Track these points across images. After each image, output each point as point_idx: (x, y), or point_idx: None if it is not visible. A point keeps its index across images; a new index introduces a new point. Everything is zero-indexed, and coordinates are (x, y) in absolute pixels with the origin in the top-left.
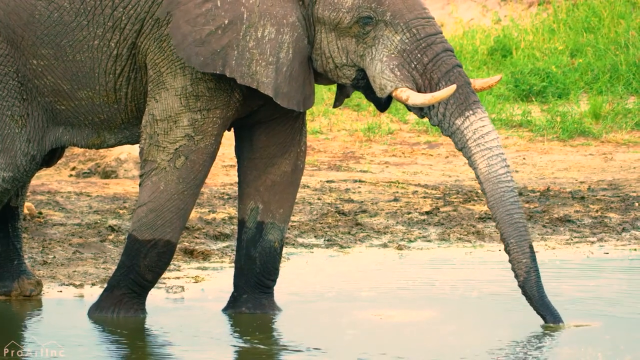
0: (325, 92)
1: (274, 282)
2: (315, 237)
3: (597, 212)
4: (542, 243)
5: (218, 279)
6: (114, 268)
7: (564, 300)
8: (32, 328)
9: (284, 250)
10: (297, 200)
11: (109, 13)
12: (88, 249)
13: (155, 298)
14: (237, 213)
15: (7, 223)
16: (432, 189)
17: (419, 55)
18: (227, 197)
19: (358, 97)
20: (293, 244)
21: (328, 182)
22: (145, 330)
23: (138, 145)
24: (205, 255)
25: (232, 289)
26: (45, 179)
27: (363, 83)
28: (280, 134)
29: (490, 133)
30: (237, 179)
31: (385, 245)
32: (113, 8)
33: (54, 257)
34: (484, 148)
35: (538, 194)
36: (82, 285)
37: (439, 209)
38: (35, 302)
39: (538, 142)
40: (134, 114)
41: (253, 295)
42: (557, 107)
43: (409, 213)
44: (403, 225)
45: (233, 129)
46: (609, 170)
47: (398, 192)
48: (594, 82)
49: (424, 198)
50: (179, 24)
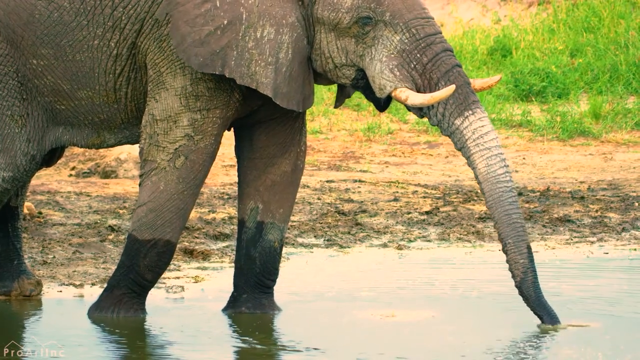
0: (325, 92)
1: (274, 282)
2: (315, 237)
3: (597, 212)
4: (542, 243)
5: (218, 279)
6: (114, 268)
7: (564, 300)
8: (32, 328)
9: (284, 250)
10: (297, 200)
11: (109, 13)
12: (88, 249)
13: (155, 298)
14: (237, 213)
15: (7, 223)
16: (432, 189)
17: (419, 55)
18: (227, 197)
19: (358, 97)
20: (293, 244)
21: (328, 182)
22: (145, 330)
23: (138, 145)
24: (205, 255)
25: (232, 289)
26: (45, 179)
27: (362, 83)
28: (280, 134)
29: (490, 133)
30: (237, 179)
31: (385, 245)
32: (113, 8)
33: (54, 257)
34: (483, 148)
35: (538, 194)
36: (82, 285)
37: (439, 209)
38: (35, 302)
39: (538, 142)
40: (134, 114)
41: (253, 295)
42: (557, 107)
43: (409, 213)
44: (403, 225)
45: (233, 129)
46: (609, 170)
47: (398, 192)
48: (594, 82)
49: (424, 198)
50: (178, 25)
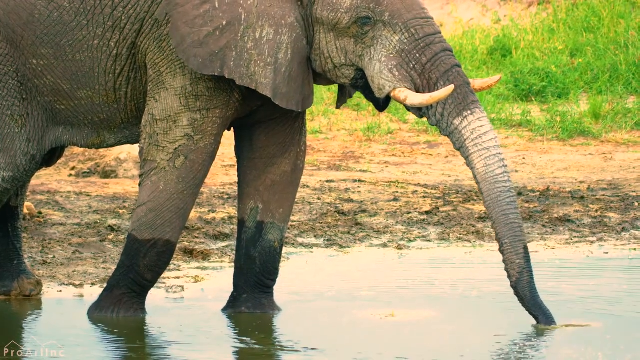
0: (325, 92)
1: (274, 281)
2: (315, 236)
3: (596, 211)
4: (541, 243)
5: (218, 279)
6: (114, 268)
7: (564, 300)
8: (32, 328)
9: (284, 250)
10: (296, 200)
11: (109, 13)
12: (88, 249)
13: (155, 298)
14: (236, 213)
15: (6, 223)
16: (431, 189)
17: (418, 55)
18: (226, 196)
19: (358, 97)
20: (293, 244)
21: (328, 181)
22: (145, 330)
23: (138, 145)
24: (205, 255)
25: (231, 289)
26: (45, 179)
27: (362, 83)
28: (280, 134)
29: (488, 133)
30: (236, 179)
31: (385, 245)
32: (113, 8)
33: (54, 256)
34: (482, 148)
35: (538, 194)
36: (81, 285)
37: (439, 209)
38: (35, 301)
39: (538, 141)
40: (134, 114)
41: (253, 295)
42: (556, 106)
43: (409, 213)
44: (403, 225)
45: (233, 129)
46: (609, 170)
47: (398, 191)
48: (594, 81)
49: (424, 198)
50: (178, 26)
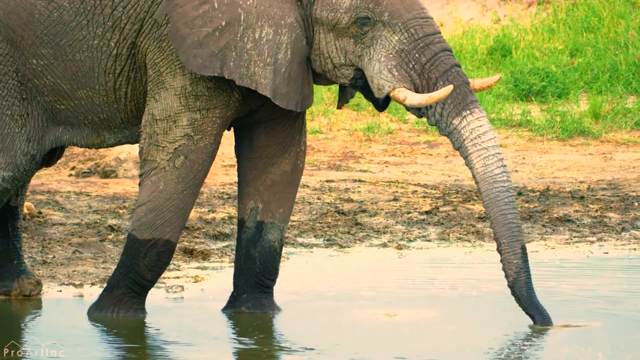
0: (325, 92)
1: (274, 281)
2: (315, 236)
3: (596, 211)
4: (541, 243)
5: (218, 279)
6: (114, 268)
7: (564, 300)
8: (32, 328)
9: (284, 250)
10: (296, 200)
11: (109, 12)
12: (88, 249)
13: (155, 298)
14: (236, 213)
15: (6, 223)
16: (431, 189)
17: (417, 55)
18: (226, 196)
19: (358, 96)
20: (293, 244)
21: (328, 181)
22: (145, 330)
23: (138, 145)
24: (205, 255)
25: (231, 289)
26: (45, 179)
27: (361, 83)
28: (280, 134)
29: (487, 133)
30: (236, 179)
31: (385, 245)
32: (113, 7)
33: (54, 256)
34: (481, 148)
35: (538, 194)
36: (81, 285)
37: (439, 209)
38: (35, 301)
39: (538, 141)
40: (134, 114)
41: (253, 295)
42: (556, 106)
43: (409, 213)
44: (403, 225)
45: (233, 129)
46: (609, 170)
47: (398, 191)
48: (594, 81)
49: (424, 198)
50: (177, 26)
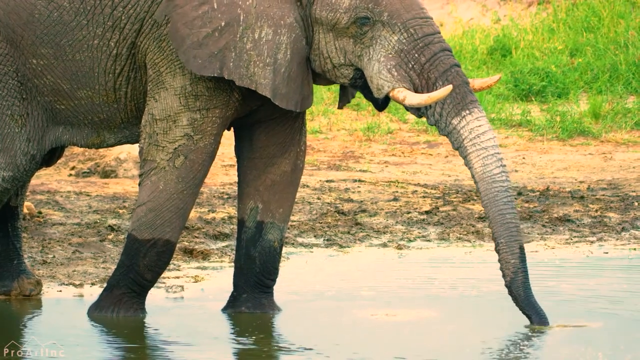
0: (325, 92)
1: (274, 281)
2: (315, 236)
3: (596, 211)
4: (541, 243)
5: (218, 279)
6: (114, 267)
7: (563, 300)
8: (32, 328)
9: (284, 250)
10: (296, 200)
11: (109, 12)
12: (88, 249)
13: (155, 297)
14: (236, 212)
15: (6, 222)
16: (431, 189)
17: (417, 55)
18: (226, 196)
19: (358, 96)
20: (293, 244)
21: (328, 181)
22: (145, 330)
23: (138, 145)
24: (205, 255)
25: (231, 289)
26: (45, 179)
27: (360, 82)
28: (280, 134)
29: (487, 133)
30: (236, 179)
31: (385, 245)
32: (113, 7)
33: (54, 256)
34: (480, 148)
35: (537, 194)
36: (81, 285)
37: (439, 209)
38: (35, 301)
39: (537, 141)
40: (134, 114)
41: (253, 295)
42: (556, 106)
43: (409, 212)
44: (402, 225)
45: (233, 129)
46: (609, 170)
47: (397, 191)
48: (594, 81)
49: (424, 197)
50: (177, 27)
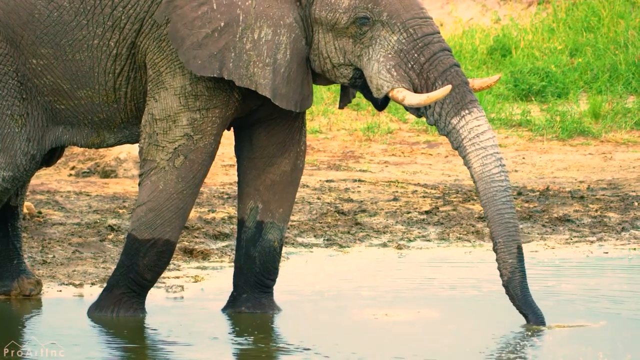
0: (325, 91)
1: (274, 281)
2: (315, 236)
3: (596, 211)
4: (541, 242)
5: (217, 279)
6: (114, 267)
7: (563, 300)
8: (31, 328)
9: (284, 250)
10: (296, 200)
11: (109, 12)
12: (87, 249)
13: (155, 297)
14: (236, 212)
15: (6, 222)
16: (431, 189)
17: (416, 55)
18: (226, 196)
19: (358, 96)
20: (292, 244)
21: (327, 181)
22: (145, 330)
23: (138, 145)
24: (205, 255)
25: (231, 289)
26: (45, 179)
27: (360, 82)
28: (280, 134)
29: (486, 132)
30: (236, 179)
31: (385, 245)
32: (112, 7)
33: (54, 256)
34: (479, 147)
35: (537, 194)
36: (81, 285)
37: (439, 209)
38: (35, 301)
39: (537, 141)
40: (134, 114)
41: (253, 295)
42: (556, 106)
43: (409, 212)
44: (402, 225)
45: (232, 129)
46: (609, 170)
47: (397, 191)
48: (594, 81)
49: (424, 197)
50: (177, 28)
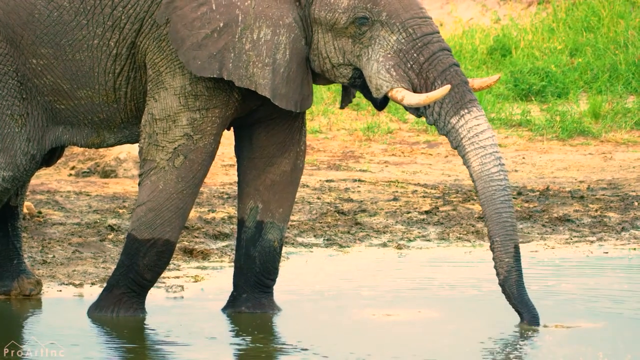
0: (325, 91)
1: (274, 281)
2: (315, 236)
3: (596, 211)
4: (541, 242)
5: (217, 279)
6: (114, 267)
7: (563, 300)
8: (31, 328)
9: (284, 250)
10: (296, 200)
11: (109, 12)
12: (87, 249)
13: (155, 297)
14: (236, 212)
15: (6, 222)
16: (431, 189)
17: (415, 55)
18: (226, 196)
19: (358, 96)
20: (292, 244)
21: (327, 181)
22: (145, 330)
23: (137, 145)
24: (205, 255)
25: (231, 289)
26: (45, 179)
27: (359, 82)
28: (280, 134)
29: (485, 132)
30: (236, 179)
31: (385, 245)
32: (112, 7)
33: (54, 256)
34: (478, 147)
35: (537, 194)
36: (81, 285)
37: (439, 209)
38: (35, 301)
39: (537, 141)
40: (134, 114)
41: (252, 295)
42: (556, 106)
43: (409, 212)
44: (402, 225)
45: (232, 128)
46: (609, 170)
47: (397, 191)
48: (594, 81)
49: (424, 197)
50: (177, 28)
